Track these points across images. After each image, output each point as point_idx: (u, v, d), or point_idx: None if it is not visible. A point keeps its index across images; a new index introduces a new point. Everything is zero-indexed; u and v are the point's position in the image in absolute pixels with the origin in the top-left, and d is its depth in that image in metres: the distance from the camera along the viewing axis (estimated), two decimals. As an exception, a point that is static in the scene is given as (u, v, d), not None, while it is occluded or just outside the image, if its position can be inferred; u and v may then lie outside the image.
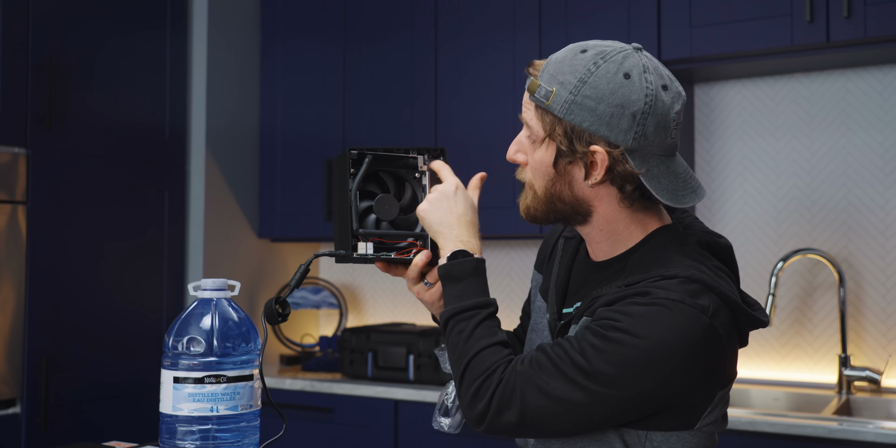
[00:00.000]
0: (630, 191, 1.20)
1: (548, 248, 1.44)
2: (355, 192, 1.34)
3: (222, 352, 1.29)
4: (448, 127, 2.89)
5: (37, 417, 2.51)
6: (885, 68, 2.59)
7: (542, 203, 1.26)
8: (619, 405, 1.13)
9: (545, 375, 1.14)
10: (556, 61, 1.20)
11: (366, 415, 2.70)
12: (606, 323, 1.14)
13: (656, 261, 1.20)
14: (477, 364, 1.19)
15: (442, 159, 1.38)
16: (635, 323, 1.11)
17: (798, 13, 2.36)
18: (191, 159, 3.05)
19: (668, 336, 1.11)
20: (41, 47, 2.58)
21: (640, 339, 1.11)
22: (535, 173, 1.25)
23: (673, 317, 1.11)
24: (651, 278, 1.16)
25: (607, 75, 1.16)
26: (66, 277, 2.63)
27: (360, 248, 1.34)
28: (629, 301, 1.15)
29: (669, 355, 1.11)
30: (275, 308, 1.29)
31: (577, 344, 1.14)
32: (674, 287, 1.14)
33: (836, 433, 2.04)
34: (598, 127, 1.16)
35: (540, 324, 1.36)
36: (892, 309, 2.55)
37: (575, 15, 2.68)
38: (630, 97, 1.15)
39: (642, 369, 1.11)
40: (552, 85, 1.18)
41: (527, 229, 2.74)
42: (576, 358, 1.13)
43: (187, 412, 1.27)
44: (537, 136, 1.23)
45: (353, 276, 3.45)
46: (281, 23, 3.24)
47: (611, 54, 1.17)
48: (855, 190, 2.62)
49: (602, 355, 1.12)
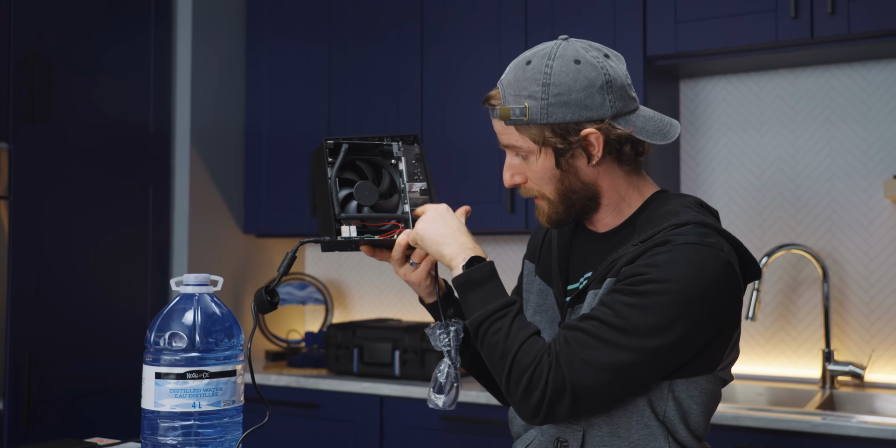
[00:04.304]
0: (628, 151, 1.30)
1: (538, 239, 1.51)
2: (334, 179, 1.36)
3: (204, 347, 1.28)
4: (434, 125, 2.88)
5: (19, 414, 2.49)
6: (868, 64, 2.60)
7: (559, 204, 1.33)
8: (664, 354, 1.20)
9: (586, 349, 1.19)
10: (509, 83, 1.30)
11: (351, 410, 2.69)
12: (635, 279, 1.20)
13: (665, 215, 1.28)
14: (522, 357, 1.21)
15: (416, 146, 1.43)
16: (663, 270, 1.19)
17: (782, 9, 2.37)
18: (175, 155, 3.03)
19: (696, 276, 1.19)
20: (23, 41, 2.56)
21: (671, 283, 1.18)
22: (541, 182, 1.33)
23: (696, 257, 1.20)
24: (665, 229, 1.25)
25: (562, 69, 1.26)
26: (49, 273, 2.61)
27: (344, 231, 1.35)
28: (651, 253, 1.22)
29: (700, 293, 1.19)
30: (264, 297, 1.30)
31: (609, 308, 1.20)
32: (689, 232, 1.22)
33: (820, 428, 2.05)
34: (580, 113, 1.26)
35: (544, 304, 1.41)
36: (875, 304, 2.56)
37: (560, 12, 2.68)
38: (589, 76, 1.26)
39: (679, 312, 1.18)
40: (521, 102, 1.28)
41: (513, 224, 2.74)
42: (612, 321, 1.19)
43: (169, 408, 1.26)
44: (529, 151, 1.30)
45: (338, 272, 3.44)
46: (266, 20, 3.22)
47: (552, 52, 1.28)
48: (839, 186, 2.63)
49: (638, 310, 1.18)
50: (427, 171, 1.43)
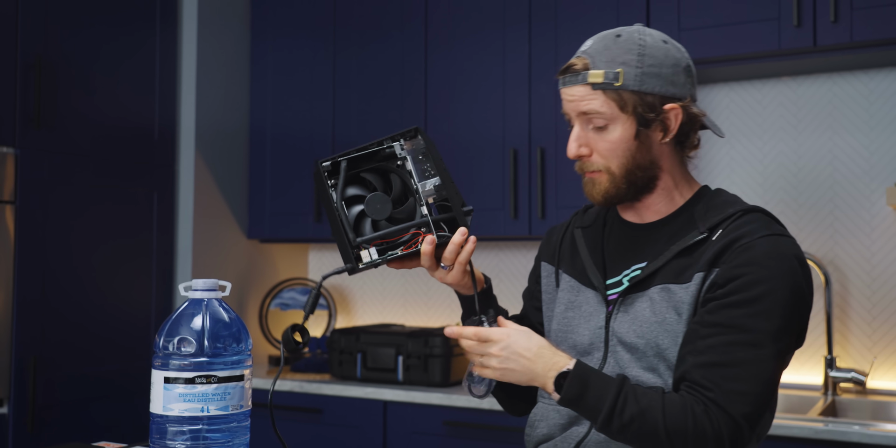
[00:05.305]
0: (693, 138, 1.35)
1: (556, 241, 1.50)
2: (341, 204, 1.32)
3: (213, 352, 1.29)
4: (438, 126, 2.89)
5: (24, 418, 2.50)
6: (870, 72, 2.61)
7: (621, 179, 1.33)
8: (791, 348, 1.25)
9: (731, 380, 1.19)
10: (598, 51, 1.31)
11: (355, 416, 2.70)
12: (736, 285, 1.21)
13: (723, 205, 1.32)
14: (674, 424, 1.19)
15: (419, 139, 1.34)
16: (760, 268, 1.21)
17: (785, 18, 2.38)
18: (180, 159, 3.04)
19: (791, 265, 1.23)
20: (30, 47, 2.57)
21: (775, 279, 1.21)
22: (610, 155, 1.32)
23: (782, 248, 1.24)
24: (732, 216, 1.29)
25: (654, 44, 1.31)
26: (54, 277, 2.62)
27: (364, 256, 1.31)
28: (734, 253, 1.23)
29: (798, 280, 1.23)
30: (292, 336, 1.28)
31: (728, 328, 1.20)
32: (757, 220, 1.27)
33: (822, 434, 2.05)
34: (667, 87, 1.30)
35: (576, 301, 1.41)
36: (877, 311, 2.57)
37: (564, 16, 2.70)
38: (676, 56, 1.32)
39: (792, 303, 1.22)
40: (614, 68, 1.29)
41: (516, 231, 2.75)
42: (741, 339, 1.20)
43: (178, 412, 1.27)
44: (610, 118, 1.31)
45: (342, 278, 3.45)
46: (271, 22, 3.24)
47: (641, 29, 1.33)
48: (841, 193, 2.64)
49: (761, 317, 1.20)
50: (438, 162, 1.33)
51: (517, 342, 1.26)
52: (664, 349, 1.28)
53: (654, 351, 1.29)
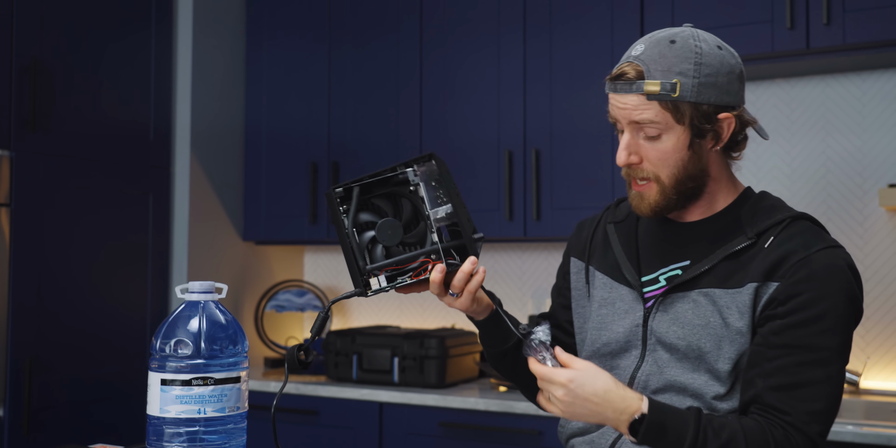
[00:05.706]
0: (740, 141, 1.33)
1: (586, 237, 1.48)
2: (352, 231, 1.32)
3: (209, 354, 1.29)
4: (433, 128, 2.90)
5: (19, 420, 2.50)
6: (863, 74, 2.63)
7: (671, 191, 1.31)
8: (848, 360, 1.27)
9: (804, 402, 1.20)
10: (653, 59, 1.27)
11: (350, 417, 2.70)
12: (800, 304, 1.21)
13: (770, 209, 1.32)
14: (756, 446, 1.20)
15: (433, 162, 1.32)
16: (822, 284, 1.22)
17: (779, 20, 2.40)
18: (175, 161, 3.05)
19: (848, 277, 1.24)
20: (26, 49, 2.57)
21: (835, 295, 1.21)
22: (661, 164, 1.30)
23: (838, 260, 1.24)
24: (781, 222, 1.29)
25: (710, 52, 1.28)
26: (50, 279, 2.62)
27: (373, 283, 1.32)
28: (793, 268, 1.23)
29: (855, 292, 1.24)
30: (297, 356, 1.28)
31: (795, 348, 1.21)
32: (808, 230, 1.28)
33: (816, 434, 2.06)
34: (722, 97, 1.28)
35: (609, 297, 1.39)
36: (870, 312, 2.59)
37: (559, 18, 2.71)
38: (731, 63, 1.30)
39: (850, 316, 1.24)
40: (671, 78, 1.25)
41: (511, 232, 2.76)
42: (808, 358, 1.21)
43: (174, 414, 1.28)
44: (664, 128, 1.28)
45: (337, 279, 3.46)
46: (266, 23, 3.24)
47: (695, 34, 1.29)
48: (834, 195, 2.65)
49: (826, 334, 1.21)
50: (451, 189, 1.31)
51: (582, 387, 1.22)
52: (706, 352, 1.27)
53: (695, 353, 1.28)
